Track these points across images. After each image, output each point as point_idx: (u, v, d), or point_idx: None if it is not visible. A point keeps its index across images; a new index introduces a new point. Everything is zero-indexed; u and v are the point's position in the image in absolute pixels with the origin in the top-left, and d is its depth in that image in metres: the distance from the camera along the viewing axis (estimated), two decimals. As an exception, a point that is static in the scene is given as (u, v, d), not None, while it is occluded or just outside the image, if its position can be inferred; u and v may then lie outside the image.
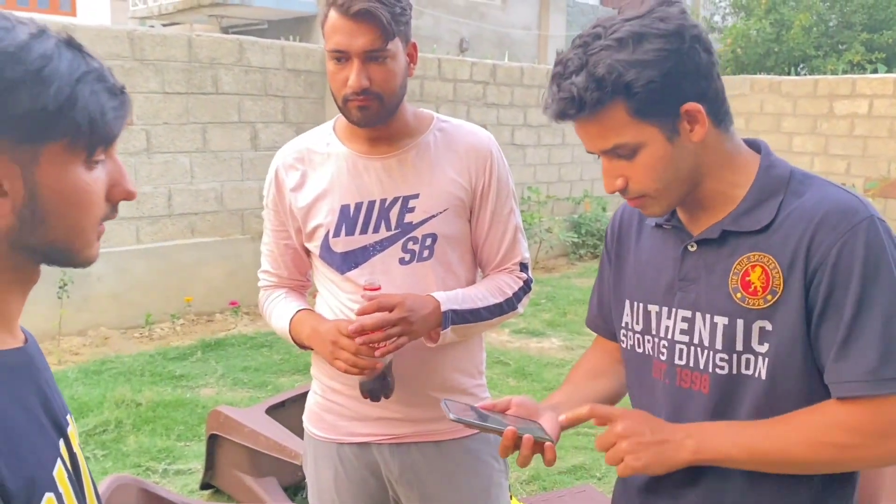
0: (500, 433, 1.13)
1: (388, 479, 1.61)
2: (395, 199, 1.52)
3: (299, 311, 1.59)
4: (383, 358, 1.43)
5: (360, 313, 1.41)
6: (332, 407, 1.62)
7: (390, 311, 1.40)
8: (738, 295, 1.09)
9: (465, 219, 1.57)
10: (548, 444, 1.12)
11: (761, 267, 1.07)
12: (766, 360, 1.07)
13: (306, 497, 2.68)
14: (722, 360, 1.11)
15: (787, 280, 1.05)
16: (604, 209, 8.51)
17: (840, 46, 12.09)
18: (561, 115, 1.07)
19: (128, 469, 3.32)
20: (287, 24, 10.60)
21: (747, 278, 1.08)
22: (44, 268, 0.81)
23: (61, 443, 0.78)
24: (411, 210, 1.52)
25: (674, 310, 1.17)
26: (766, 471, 1.08)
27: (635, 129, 1.05)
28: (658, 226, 1.21)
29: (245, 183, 5.91)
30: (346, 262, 1.54)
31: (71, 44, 0.74)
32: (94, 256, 0.80)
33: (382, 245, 1.53)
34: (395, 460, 1.59)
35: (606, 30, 1.04)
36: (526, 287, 1.63)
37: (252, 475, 2.92)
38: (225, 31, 11.56)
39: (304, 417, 1.71)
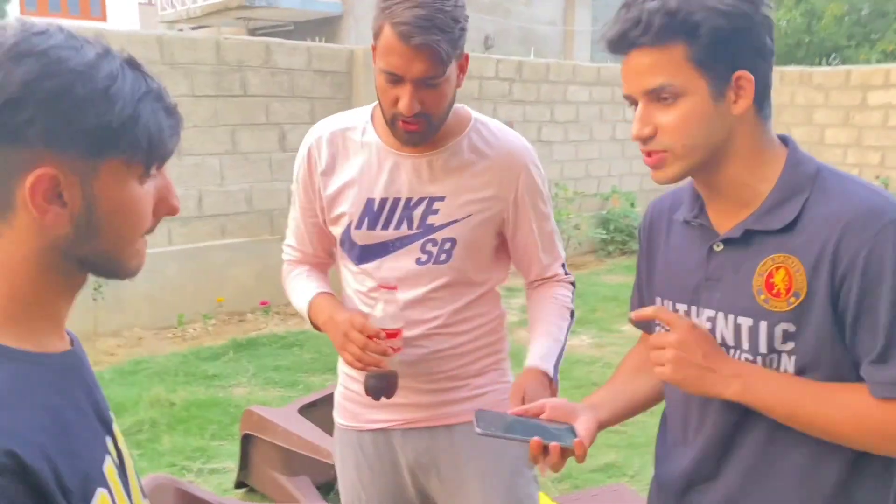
0: (528, 443, 1.14)
1: (406, 465, 1.64)
2: (421, 200, 1.53)
3: (319, 293, 1.61)
4: (389, 359, 1.45)
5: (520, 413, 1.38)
6: (352, 396, 1.65)
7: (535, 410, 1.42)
8: (762, 297, 1.08)
9: (490, 227, 1.57)
10: (576, 441, 1.14)
11: (785, 269, 1.06)
12: (793, 357, 1.07)
13: (338, 495, 2.70)
14: (747, 360, 1.11)
15: (812, 283, 1.03)
16: (632, 205, 8.44)
17: (873, 36, 11.86)
18: (621, 37, 1.05)
19: (163, 468, 3.36)
20: (313, 25, 10.66)
21: (771, 280, 1.07)
22: None
23: (108, 439, 0.82)
24: (435, 212, 1.52)
25: (700, 309, 1.16)
26: (800, 429, 1.07)
27: (687, 73, 1.03)
28: (686, 223, 1.20)
29: (274, 184, 5.96)
30: (364, 254, 1.56)
31: (132, 63, 0.77)
32: (138, 268, 0.83)
33: (402, 242, 1.53)
34: (412, 445, 1.61)
35: None
36: (573, 286, 1.69)
37: (285, 474, 2.95)
38: (252, 32, 11.66)
39: (334, 410, 1.74)
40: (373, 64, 1.46)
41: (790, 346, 1.07)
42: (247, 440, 3.08)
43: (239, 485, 3.18)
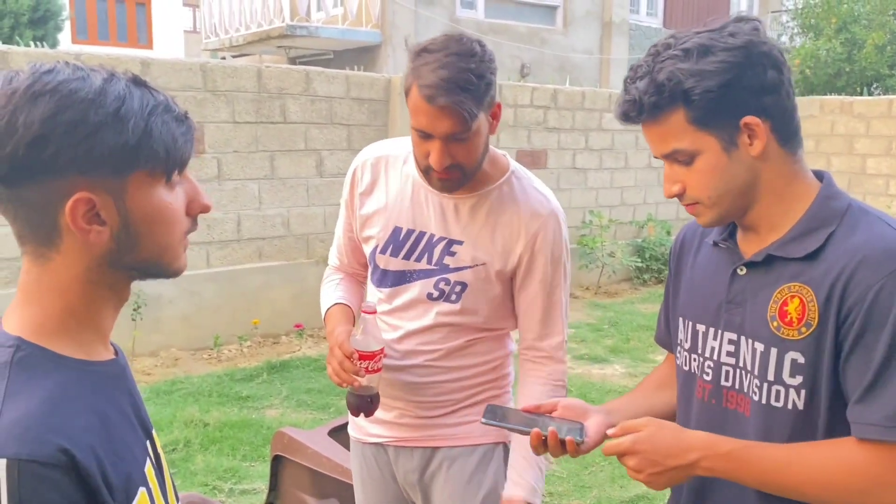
0: (528, 434, 1.19)
1: (402, 481, 1.70)
2: (442, 239, 1.57)
3: (336, 304, 1.69)
4: (367, 379, 1.50)
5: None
6: None
7: None
8: (775, 324, 1.10)
9: (501, 281, 1.59)
10: (568, 438, 1.16)
11: (799, 298, 1.07)
12: (802, 391, 1.07)
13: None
14: (756, 386, 1.12)
15: (823, 314, 1.05)
16: (668, 233, 8.36)
17: (916, 65, 11.66)
18: (624, 117, 1.13)
19: (195, 488, 3.40)
20: (352, 54, 10.85)
21: (785, 308, 1.09)
22: None
23: (148, 444, 0.90)
24: (452, 254, 1.57)
25: (720, 331, 1.19)
26: (779, 494, 1.08)
27: (693, 136, 1.08)
28: (716, 244, 1.23)
29: (310, 209, 6.04)
30: (385, 278, 1.63)
31: (137, 81, 0.83)
32: (183, 267, 0.90)
33: (419, 275, 1.59)
34: (404, 463, 1.67)
35: (677, 41, 1.09)
36: (564, 372, 1.67)
37: (315, 496, 2.96)
38: (292, 61, 11.90)
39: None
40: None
41: (798, 379, 1.08)
42: (277, 461, 3.10)
43: (269, 506, 3.20)
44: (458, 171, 1.47)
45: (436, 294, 1.58)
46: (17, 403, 0.74)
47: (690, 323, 1.24)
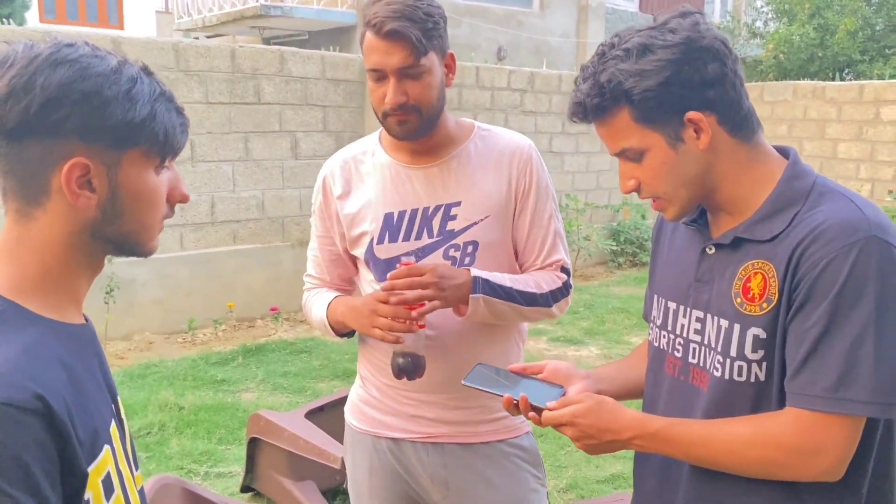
0: (500, 398, 1.22)
1: (418, 477, 1.64)
2: (438, 207, 1.56)
3: (336, 297, 1.65)
4: (416, 335, 1.47)
5: (393, 277, 1.46)
6: (370, 400, 1.67)
7: (421, 275, 1.45)
8: (738, 300, 1.11)
9: (506, 225, 1.59)
10: (531, 412, 1.19)
11: (762, 274, 1.09)
12: (764, 364, 1.09)
13: (344, 501, 2.70)
14: (719, 362, 1.14)
15: (781, 288, 1.07)
16: (643, 217, 8.43)
17: (887, 51, 11.82)
18: (573, 118, 1.17)
19: (170, 471, 3.38)
20: (327, 35, 10.74)
21: (748, 284, 1.10)
22: None
23: (113, 407, 0.93)
24: (453, 218, 1.55)
25: (688, 309, 1.20)
26: (714, 468, 1.12)
27: (639, 134, 1.10)
28: (687, 224, 1.24)
29: (286, 191, 6.00)
30: (390, 268, 1.57)
31: (147, 70, 0.89)
32: (154, 248, 0.94)
33: (424, 252, 1.56)
34: (427, 459, 1.62)
35: (620, 40, 1.11)
36: (564, 289, 1.62)
37: (291, 478, 2.96)
38: (267, 42, 11.75)
39: (346, 409, 1.76)
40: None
41: (760, 353, 1.09)
42: (253, 444, 3.09)
43: (245, 489, 3.20)
44: (415, 112, 1.48)
45: (448, 264, 1.55)
46: None
47: (663, 300, 1.26)
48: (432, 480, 1.62)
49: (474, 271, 1.51)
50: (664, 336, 1.26)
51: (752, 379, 1.11)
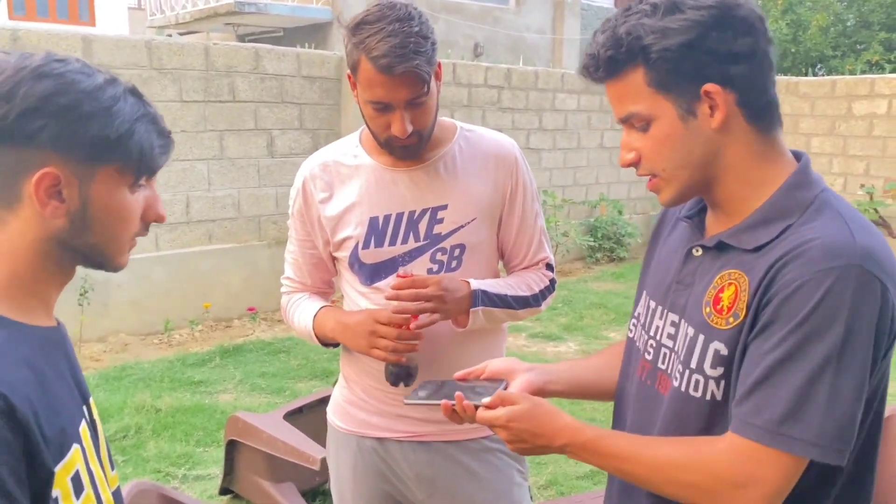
0: (439, 406, 1.18)
1: (403, 477, 1.63)
2: (424, 211, 1.54)
3: (323, 307, 1.62)
4: (417, 343, 1.46)
5: (396, 288, 1.45)
6: (355, 401, 1.65)
7: (425, 288, 1.44)
8: (707, 310, 1.04)
9: (492, 226, 1.59)
10: (465, 402, 1.13)
11: (735, 286, 1.01)
12: (722, 383, 1.01)
13: (323, 502, 2.68)
14: (679, 372, 1.07)
15: (749, 305, 0.98)
16: (620, 212, 8.48)
17: (858, 46, 12.00)
18: (584, 72, 1.05)
19: (147, 474, 3.35)
20: (302, 31, 10.67)
21: (720, 295, 1.02)
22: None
23: (84, 409, 0.94)
24: (440, 221, 1.54)
25: (665, 311, 1.13)
26: (639, 485, 1.07)
27: (650, 99, 1.01)
28: (684, 219, 1.16)
29: (262, 189, 5.95)
30: (375, 273, 1.56)
31: (134, 92, 0.92)
32: (124, 264, 0.96)
33: (411, 256, 1.54)
34: (413, 458, 1.61)
35: None
36: (551, 286, 1.66)
37: (270, 480, 2.94)
38: (241, 38, 11.65)
39: (330, 410, 1.74)
40: (352, 91, 1.48)
41: (719, 371, 1.02)
42: (232, 446, 3.06)
43: (224, 491, 3.17)
44: (417, 136, 1.46)
45: (435, 268, 1.55)
46: None
47: (648, 297, 1.20)
48: (418, 479, 1.62)
49: (474, 283, 1.51)
50: (641, 336, 1.20)
51: (708, 396, 1.03)
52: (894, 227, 8.15)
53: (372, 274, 1.56)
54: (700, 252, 1.09)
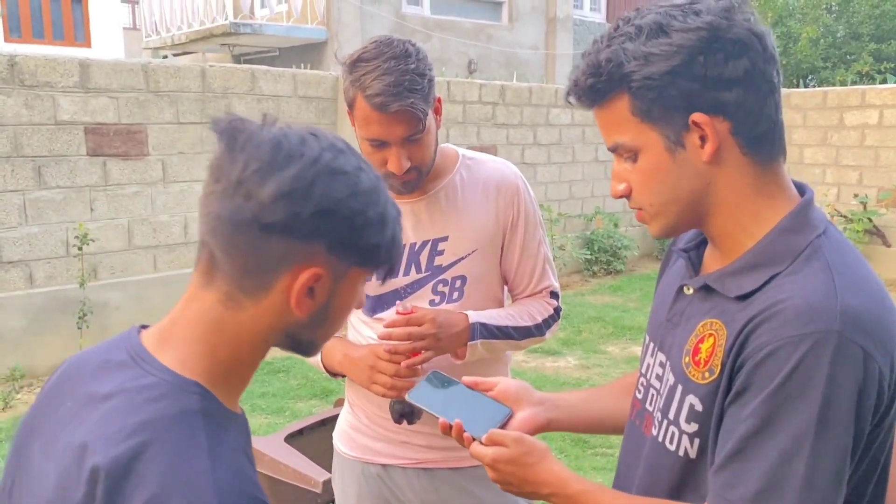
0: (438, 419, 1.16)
1: (409, 502, 1.63)
2: (425, 243, 1.54)
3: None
4: (416, 380, 1.45)
5: (389, 326, 1.44)
6: (359, 426, 1.66)
7: (419, 326, 1.43)
8: (686, 359, 0.97)
9: (494, 256, 1.59)
10: (465, 435, 1.11)
11: (714, 338, 0.93)
12: (696, 441, 0.95)
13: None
14: (657, 420, 1.02)
15: (724, 362, 0.91)
16: (616, 225, 8.51)
17: (848, 57, 12.09)
18: (567, 99, 0.99)
19: (149, 498, 3.33)
20: (298, 51, 10.73)
21: (700, 345, 0.95)
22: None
23: None
24: (440, 253, 1.54)
25: (656, 349, 1.07)
26: None
27: (636, 129, 0.93)
28: (682, 251, 1.08)
29: (259, 209, 5.95)
30: (378, 304, 1.57)
31: (384, 181, 0.87)
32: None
33: (413, 287, 1.55)
34: (417, 485, 1.61)
35: (638, 15, 0.93)
36: (555, 315, 1.64)
37: (273, 503, 2.93)
38: (237, 59, 11.71)
39: (335, 435, 1.74)
40: (352, 126, 1.49)
41: (694, 427, 0.95)
42: (234, 469, 3.05)
43: (226, 514, 3.15)
44: (416, 171, 1.46)
45: (437, 299, 1.55)
46: (221, 458, 0.75)
47: (647, 333, 1.13)
48: None
49: (471, 316, 1.50)
50: (639, 372, 1.13)
51: (681, 452, 0.97)
52: (889, 237, 8.19)
53: (374, 306, 1.57)
54: (691, 291, 1.02)
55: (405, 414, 1.48)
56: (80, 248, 4.81)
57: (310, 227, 0.77)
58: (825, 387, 0.82)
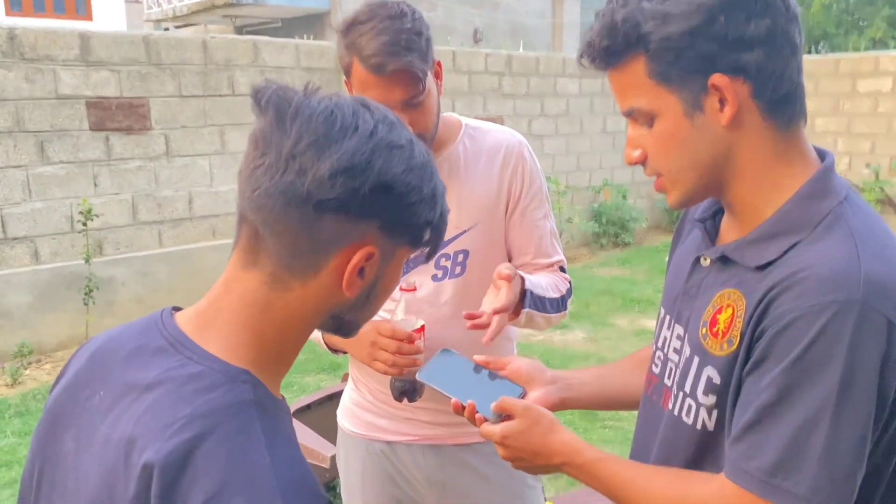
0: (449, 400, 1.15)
1: (413, 481, 1.61)
2: None
3: None
4: (418, 357, 1.42)
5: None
6: (363, 403, 1.63)
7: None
8: (703, 331, 0.94)
9: (498, 230, 1.54)
10: (477, 416, 1.09)
11: (733, 309, 0.91)
12: (714, 412, 0.94)
13: (333, 496, 2.68)
14: (674, 393, 1.00)
15: (743, 333, 0.89)
16: (624, 197, 8.44)
17: (861, 23, 11.88)
18: (581, 63, 0.95)
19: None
20: (300, 22, 10.60)
21: (718, 316, 0.93)
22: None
23: None
24: None
25: (673, 322, 1.05)
26: None
27: (652, 92, 0.90)
28: (698, 221, 1.05)
29: (264, 183, 5.91)
30: None
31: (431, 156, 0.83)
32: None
33: (415, 262, 1.50)
34: (423, 462, 1.58)
35: None
36: (571, 290, 1.59)
37: (281, 478, 2.93)
38: (239, 30, 11.59)
39: (339, 412, 1.72)
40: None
41: (711, 399, 0.94)
42: (241, 444, 3.05)
43: (234, 489, 3.16)
44: (419, 139, 1.42)
45: (440, 274, 1.51)
46: (279, 451, 0.71)
47: (661, 305, 1.11)
48: (428, 483, 1.59)
49: (526, 282, 1.43)
50: (653, 346, 1.11)
51: (699, 426, 0.95)
52: (901, 206, 8.11)
53: None
54: (708, 262, 0.99)
55: (406, 391, 1.45)
56: (84, 224, 4.79)
57: (366, 204, 0.73)
58: (847, 357, 0.80)
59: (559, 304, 1.53)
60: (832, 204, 0.89)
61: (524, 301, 1.41)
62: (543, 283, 1.51)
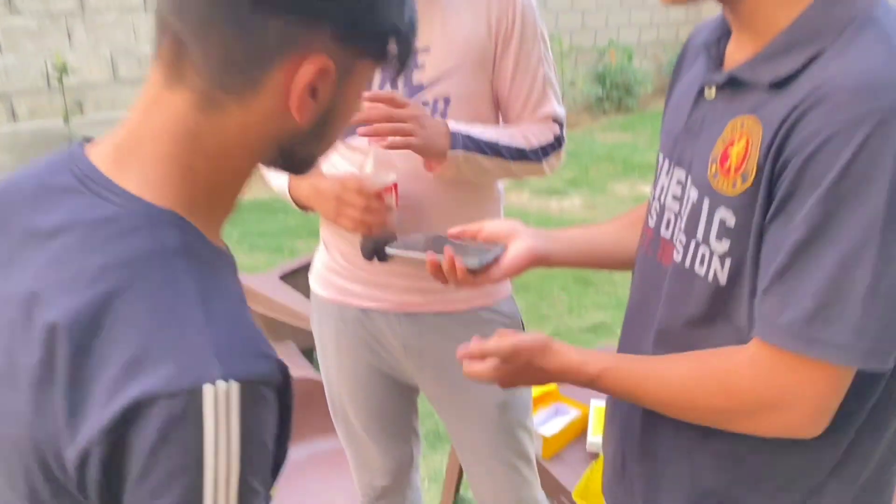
0: (423, 261, 1.06)
1: (390, 348, 1.54)
2: None
3: None
4: (388, 213, 1.31)
5: (371, 99, 1.25)
6: (335, 267, 1.53)
7: (403, 108, 1.25)
8: (713, 168, 0.82)
9: (484, 74, 1.37)
10: (458, 264, 1.01)
11: (747, 140, 0.78)
12: (728, 261, 0.81)
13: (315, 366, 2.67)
14: (681, 242, 0.88)
15: (761, 164, 0.76)
16: (629, 59, 8.08)
17: None
18: None
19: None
20: None
21: (729, 150, 0.81)
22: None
23: None
24: (420, 67, 1.33)
25: (672, 166, 0.93)
26: (661, 411, 0.90)
27: None
28: (702, 47, 0.92)
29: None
30: (351, 128, 1.38)
31: None
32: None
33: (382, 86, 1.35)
34: (400, 328, 1.50)
35: None
36: (556, 143, 1.43)
37: (271, 339, 2.91)
38: None
39: (311, 275, 1.63)
40: None
41: (725, 245, 0.81)
42: (229, 307, 3.03)
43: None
44: None
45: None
46: (215, 307, 0.59)
47: (661, 154, 0.98)
48: (405, 350, 1.52)
49: (452, 125, 1.31)
50: (649, 200, 1.00)
51: (711, 278, 0.83)
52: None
53: (347, 129, 1.39)
54: (713, 92, 0.87)
55: (377, 251, 1.33)
56: (60, 80, 4.57)
57: (316, 2, 0.60)
58: (893, 175, 0.68)
59: (524, 154, 1.38)
60: (859, 6, 0.76)
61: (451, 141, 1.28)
62: (501, 133, 1.37)
